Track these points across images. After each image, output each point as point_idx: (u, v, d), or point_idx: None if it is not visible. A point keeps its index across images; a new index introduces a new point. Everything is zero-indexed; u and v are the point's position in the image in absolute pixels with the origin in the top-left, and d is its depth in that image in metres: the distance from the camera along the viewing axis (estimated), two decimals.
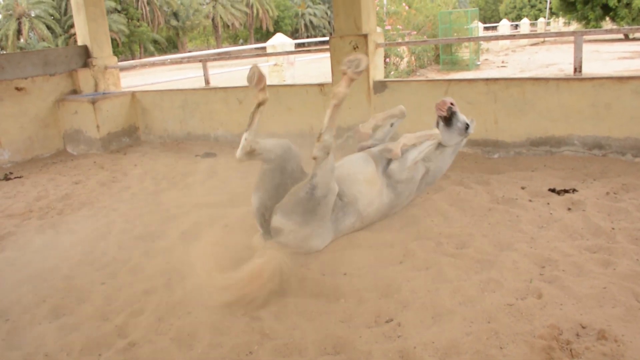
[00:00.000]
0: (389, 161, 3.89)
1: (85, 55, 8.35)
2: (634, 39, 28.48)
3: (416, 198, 4.30)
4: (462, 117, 4.11)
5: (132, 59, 46.05)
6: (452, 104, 4.02)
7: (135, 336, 2.82)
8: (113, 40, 41.98)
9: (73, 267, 3.78)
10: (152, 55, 49.73)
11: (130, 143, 8.11)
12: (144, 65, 35.63)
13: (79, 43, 8.42)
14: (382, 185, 3.82)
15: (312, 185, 3.29)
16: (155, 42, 52.78)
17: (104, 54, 8.48)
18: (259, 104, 3.41)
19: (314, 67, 21.45)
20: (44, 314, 3.17)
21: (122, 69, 10.75)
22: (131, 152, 7.58)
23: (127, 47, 49.42)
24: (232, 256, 3.28)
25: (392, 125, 4.24)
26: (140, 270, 3.64)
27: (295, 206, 3.34)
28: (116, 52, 39.26)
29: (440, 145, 4.11)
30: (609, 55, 19.95)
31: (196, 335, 2.78)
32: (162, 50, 53.93)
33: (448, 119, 4.04)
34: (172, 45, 57.48)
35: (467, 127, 4.08)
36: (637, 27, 5.51)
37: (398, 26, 17.79)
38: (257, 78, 3.35)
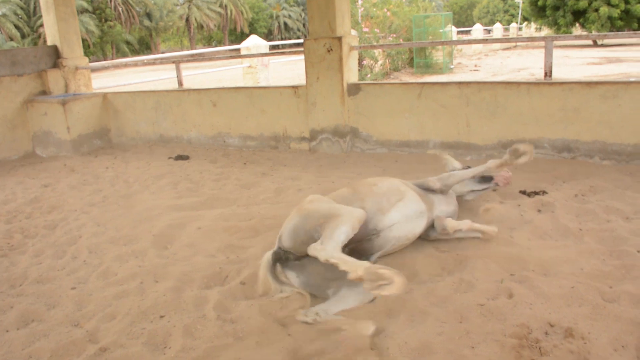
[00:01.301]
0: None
1: (55, 56, 8.20)
2: (602, 45, 29.26)
3: None
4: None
5: (104, 60, 45.34)
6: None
7: (107, 341, 2.77)
8: (84, 40, 41.27)
9: (42, 272, 3.70)
10: (124, 56, 49.00)
11: (101, 145, 7.99)
12: (116, 66, 35.12)
13: (49, 43, 8.26)
14: None
15: None
16: (127, 42, 52.03)
17: (74, 54, 8.33)
18: None
19: (288, 69, 21.46)
20: (11, 320, 3.09)
21: (94, 69, 10.57)
22: (102, 155, 7.47)
23: (99, 48, 48.63)
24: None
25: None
26: (112, 274, 3.58)
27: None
28: (87, 53, 38.59)
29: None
30: (578, 60, 20.43)
31: (169, 339, 2.75)
32: (135, 52, 53.23)
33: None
34: (144, 46, 56.77)
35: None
36: (604, 34, 5.66)
37: (375, 29, 17.89)
38: None
